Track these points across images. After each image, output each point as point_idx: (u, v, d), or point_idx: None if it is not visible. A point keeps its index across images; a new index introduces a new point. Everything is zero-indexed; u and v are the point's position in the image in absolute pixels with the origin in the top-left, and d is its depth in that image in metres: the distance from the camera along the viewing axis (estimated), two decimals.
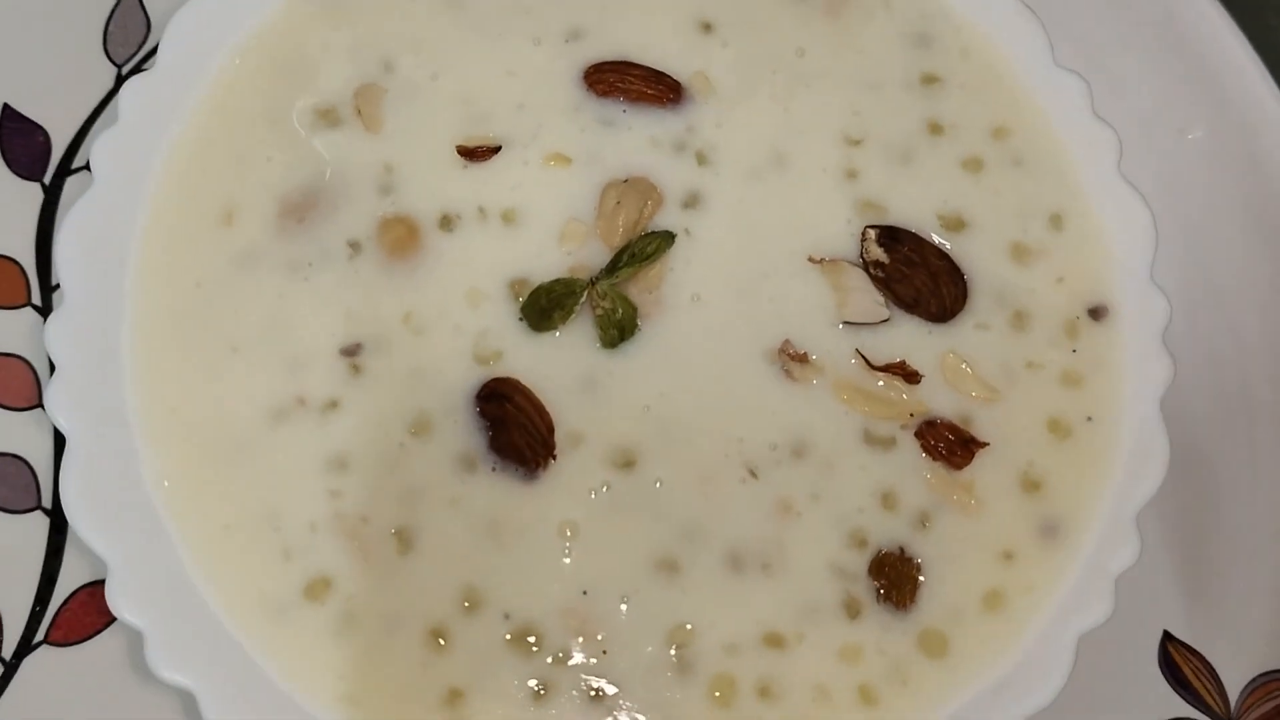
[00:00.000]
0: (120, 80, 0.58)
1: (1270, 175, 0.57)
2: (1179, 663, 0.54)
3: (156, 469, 0.50)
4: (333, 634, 0.49)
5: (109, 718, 0.50)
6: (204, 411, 0.51)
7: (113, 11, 0.58)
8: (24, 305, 0.55)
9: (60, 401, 0.49)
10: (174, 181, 0.53)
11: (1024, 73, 0.57)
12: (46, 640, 0.52)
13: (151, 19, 0.58)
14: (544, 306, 0.52)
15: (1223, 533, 0.55)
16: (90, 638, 0.52)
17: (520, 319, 0.52)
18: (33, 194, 0.56)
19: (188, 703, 0.48)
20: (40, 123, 0.57)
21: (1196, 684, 0.54)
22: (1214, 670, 0.54)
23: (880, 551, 0.51)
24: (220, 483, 0.50)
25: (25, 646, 0.51)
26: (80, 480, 0.49)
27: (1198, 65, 0.59)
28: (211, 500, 0.50)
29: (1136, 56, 0.60)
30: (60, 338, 0.50)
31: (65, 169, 0.57)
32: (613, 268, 0.52)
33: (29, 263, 0.56)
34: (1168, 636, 0.54)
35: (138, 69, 0.58)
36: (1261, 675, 0.53)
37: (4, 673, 0.51)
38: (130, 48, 0.59)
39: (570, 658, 0.50)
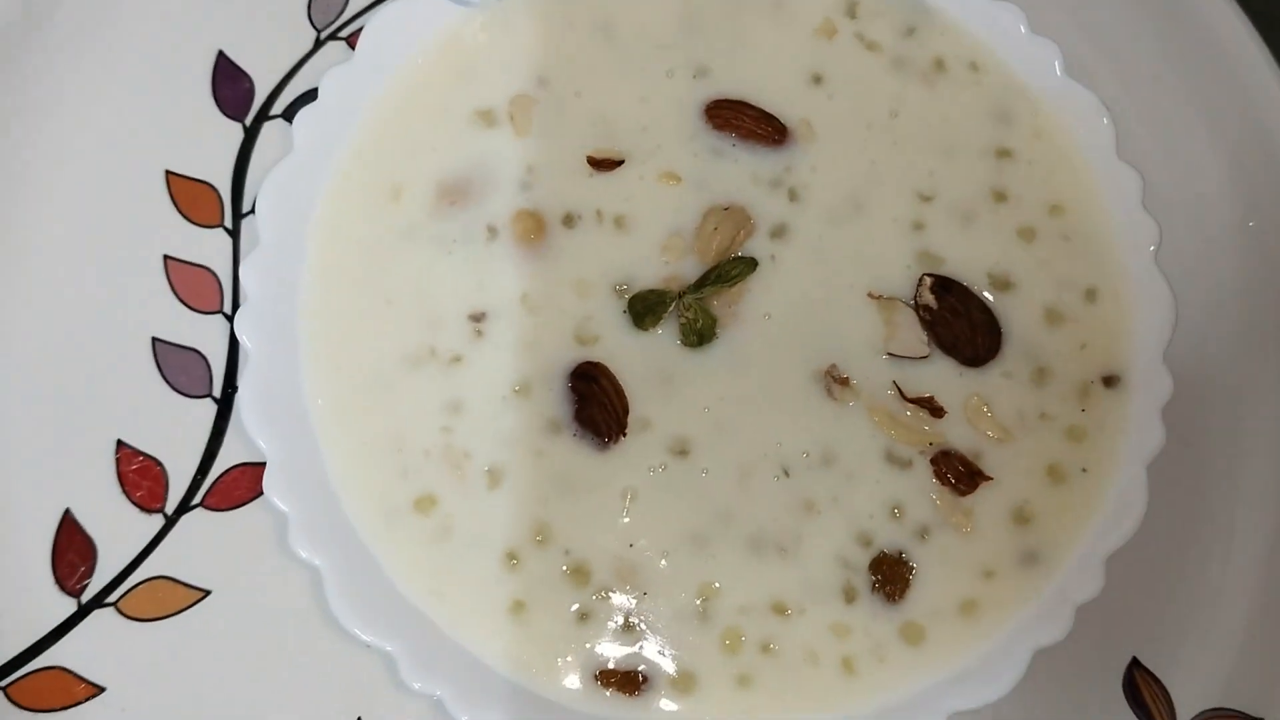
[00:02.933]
0: (319, 43, 0.61)
1: None
2: (1140, 686, 0.55)
3: (314, 388, 0.56)
4: (431, 541, 0.55)
5: (246, 577, 0.54)
6: (357, 347, 0.56)
7: None
8: (217, 226, 0.58)
9: (247, 323, 0.55)
10: (356, 159, 0.58)
11: (1088, 160, 0.60)
12: (202, 504, 0.56)
13: None
14: (640, 310, 0.57)
15: (1199, 578, 0.56)
16: (237, 507, 0.55)
17: (625, 312, 0.57)
18: (234, 132, 0.59)
19: (314, 578, 0.54)
20: (248, 71, 0.60)
21: (1152, 708, 0.55)
22: (1170, 699, 0.55)
23: (882, 552, 0.56)
24: (361, 406, 0.56)
25: (184, 506, 0.55)
26: (254, 388, 0.55)
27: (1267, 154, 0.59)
28: (352, 420, 0.56)
29: (1210, 142, 0.61)
30: (253, 272, 0.56)
31: (264, 114, 0.60)
32: (700, 284, 0.57)
33: (225, 191, 0.59)
34: (1135, 662, 0.55)
35: (334, 35, 0.61)
36: (1211, 710, 0.55)
37: (165, 524, 0.55)
38: (330, 16, 0.61)
39: (612, 594, 0.55)
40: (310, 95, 0.59)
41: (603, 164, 0.59)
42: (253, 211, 0.58)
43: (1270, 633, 0.55)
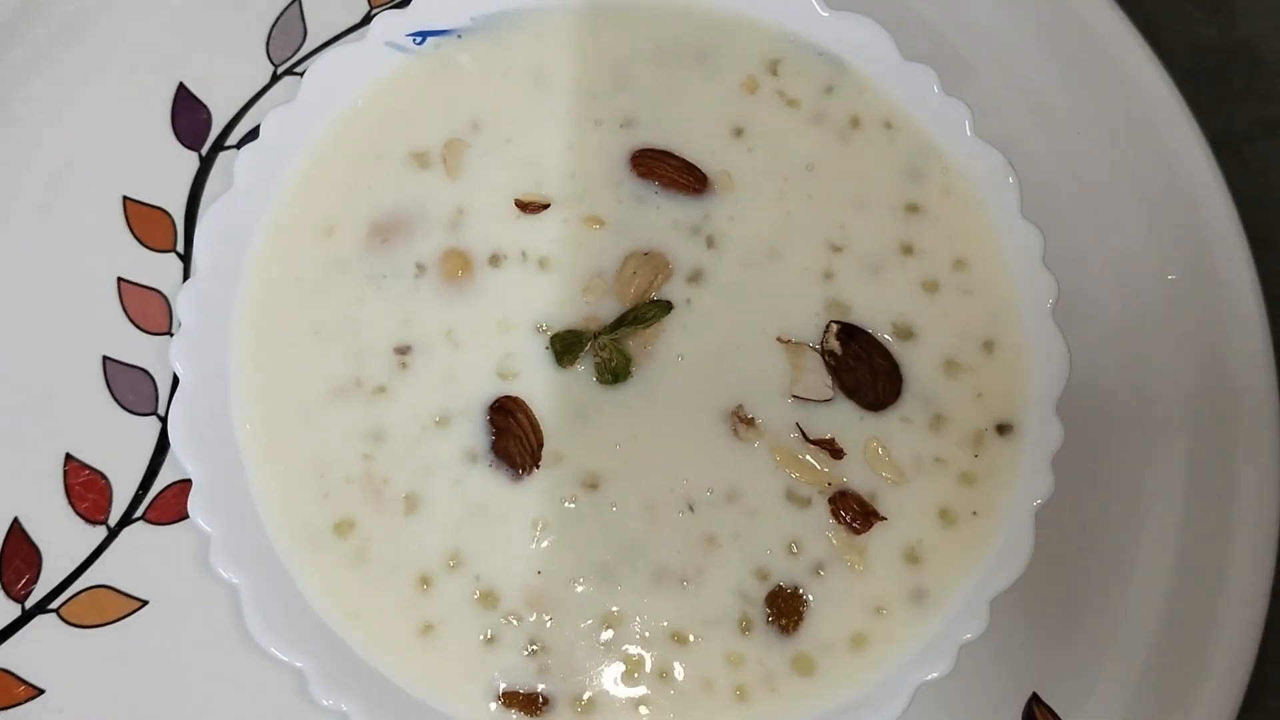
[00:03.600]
0: (275, 78, 0.62)
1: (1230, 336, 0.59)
2: None
3: (243, 414, 0.57)
4: (349, 564, 0.56)
5: (180, 589, 0.55)
6: (285, 376, 0.57)
7: (278, 19, 0.63)
8: (169, 251, 0.59)
9: (180, 351, 0.56)
10: (293, 196, 0.59)
11: (992, 217, 0.61)
12: (143, 518, 0.56)
13: (309, 30, 0.63)
14: (561, 349, 0.57)
15: (1096, 617, 0.57)
16: (175, 522, 0.56)
17: (547, 349, 0.58)
18: (190, 161, 0.60)
19: (235, 596, 0.54)
20: (206, 103, 0.61)
21: None
22: None
23: (778, 586, 0.56)
24: (287, 432, 0.57)
25: (126, 519, 0.56)
26: (184, 413, 0.55)
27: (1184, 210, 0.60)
28: (278, 444, 0.56)
29: (1132, 196, 0.62)
30: (188, 301, 0.57)
31: (219, 145, 0.61)
32: (616, 325, 0.57)
33: (179, 217, 0.60)
34: (1035, 698, 0.56)
35: (290, 71, 0.62)
36: None
37: (107, 536, 0.56)
38: (287, 52, 0.63)
39: (521, 620, 0.56)
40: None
41: (530, 207, 0.60)
42: None
43: (1163, 675, 0.56)
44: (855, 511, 0.57)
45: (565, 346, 0.57)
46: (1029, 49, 0.63)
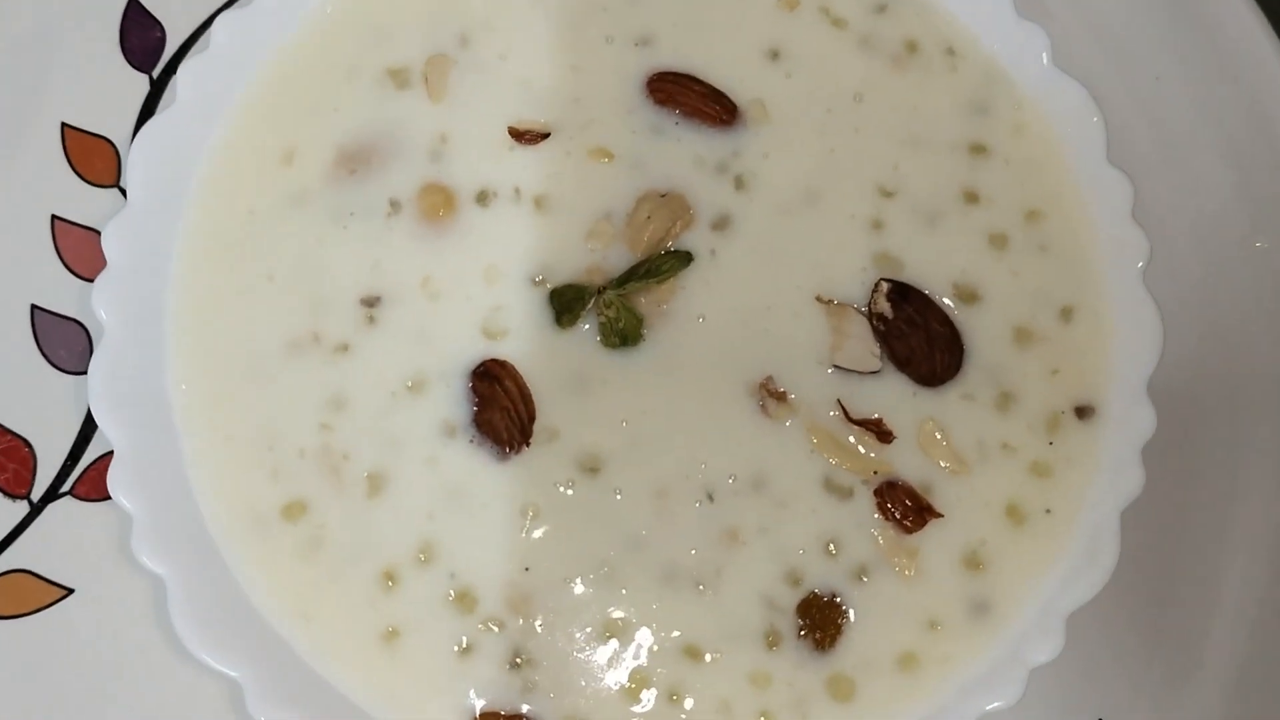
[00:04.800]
0: None
1: None
2: None
3: (178, 372, 0.52)
4: (300, 554, 0.51)
5: (111, 577, 0.51)
6: (230, 329, 0.52)
7: None
8: (112, 186, 0.55)
9: (106, 296, 0.50)
10: (247, 115, 0.54)
11: (1073, 162, 0.56)
12: (71, 493, 0.52)
13: None
14: (561, 305, 0.52)
15: (1176, 639, 0.54)
16: (109, 499, 0.51)
17: (549, 304, 0.52)
18: (139, 85, 0.56)
19: (159, 587, 0.49)
20: (159, 18, 0.56)
21: None
22: None
23: (812, 593, 0.51)
24: (230, 396, 0.52)
25: (52, 494, 0.52)
26: (108, 368, 0.50)
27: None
28: (220, 410, 0.51)
29: (1216, 151, 0.57)
30: (116, 236, 0.51)
31: (173, 67, 0.56)
32: (626, 279, 0.52)
33: (124, 148, 0.55)
34: None
35: None
36: None
37: (30, 513, 0.52)
38: None
39: (502, 625, 0.51)
40: None
41: (526, 136, 0.54)
42: None
43: (1251, 703, 0.53)
44: (906, 506, 0.52)
45: (565, 303, 0.52)
46: None
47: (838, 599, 0.51)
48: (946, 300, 0.54)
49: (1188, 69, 0.57)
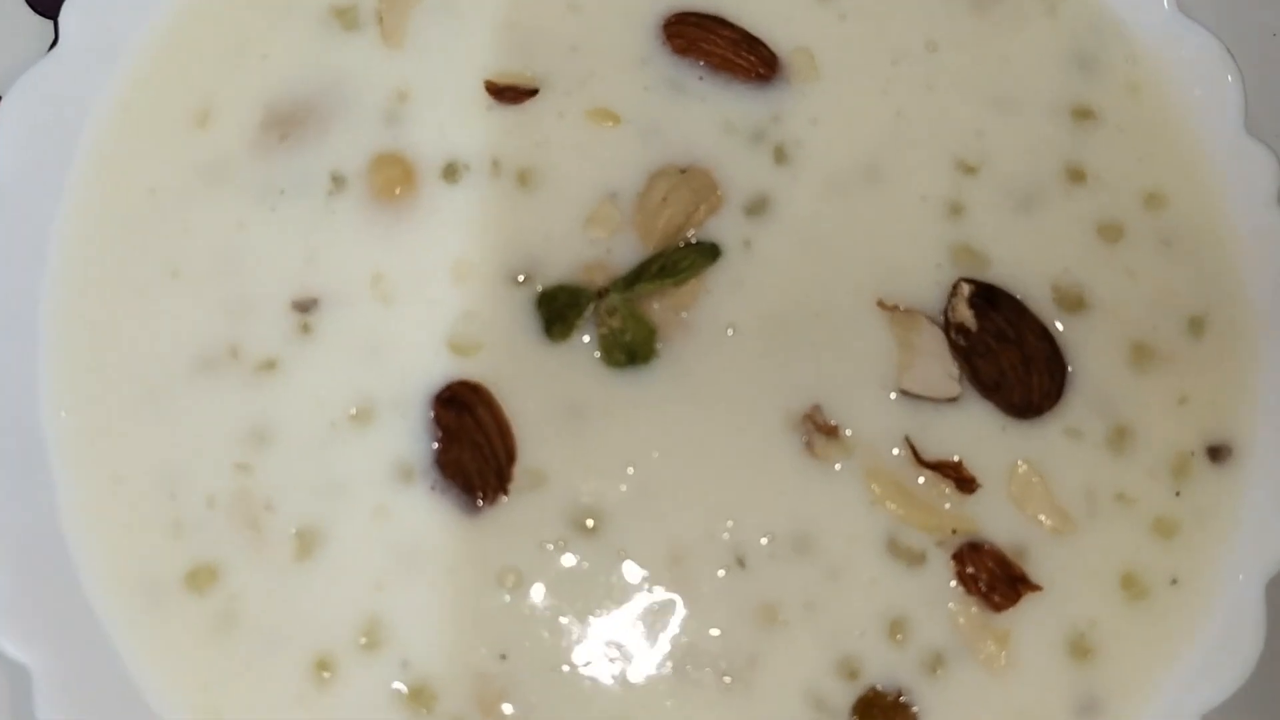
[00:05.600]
0: None
1: None
2: None
3: (55, 395, 0.45)
4: (208, 634, 0.44)
5: None
6: (124, 339, 0.46)
7: None
8: None
9: None
10: (149, 64, 0.48)
11: (1203, 132, 0.49)
12: None
13: None
14: (549, 315, 0.46)
15: None
16: None
17: (536, 310, 0.46)
18: (43, 32, 0.51)
19: (19, 678, 0.42)
20: None
21: None
22: None
23: (873, 689, 0.44)
24: (122, 426, 0.45)
25: None
26: None
27: None
28: (108, 443, 0.45)
29: None
30: None
31: None
32: (633, 279, 0.45)
33: None
34: None
35: None
36: None
37: None
38: None
39: None
40: None
41: (507, 93, 0.47)
42: None
43: None
44: (994, 575, 0.45)
45: (557, 310, 0.46)
46: None
47: (904, 698, 0.45)
48: (1045, 308, 0.47)
49: None
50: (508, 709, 0.43)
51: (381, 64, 0.48)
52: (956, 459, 0.46)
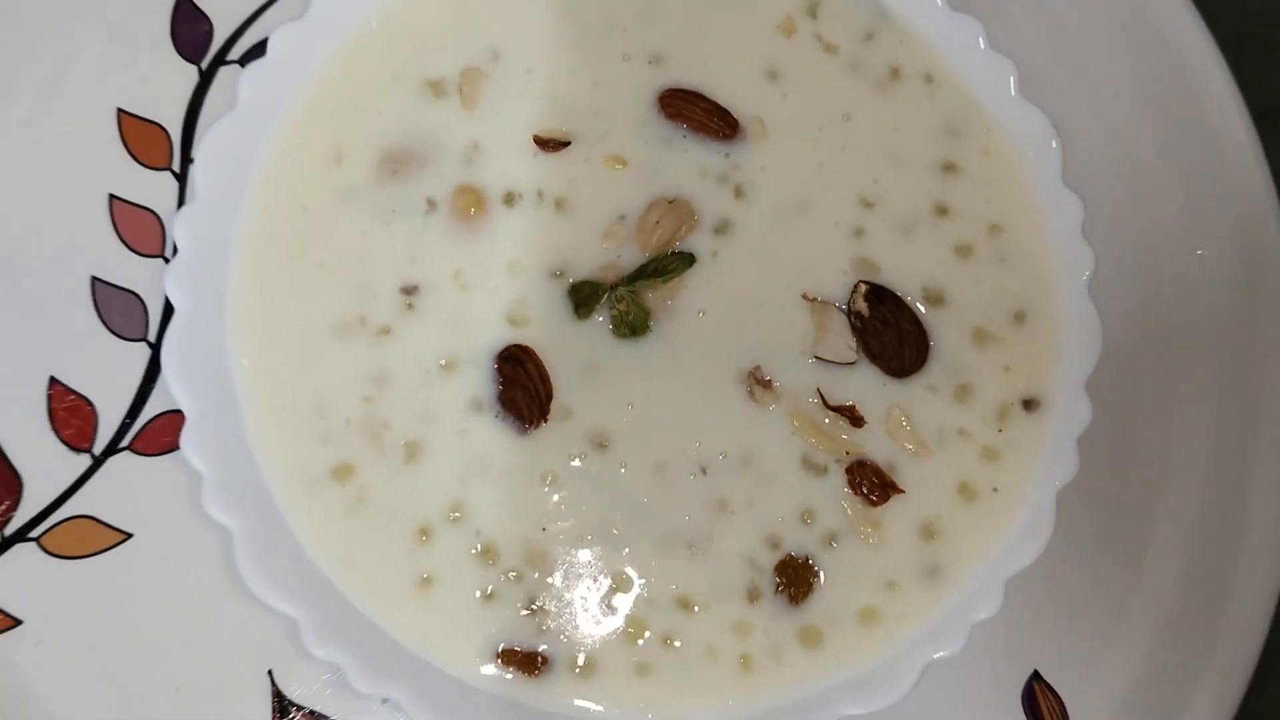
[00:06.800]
0: None
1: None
2: (1039, 700, 0.55)
3: (240, 348, 0.54)
4: (345, 510, 0.53)
5: (167, 524, 0.54)
6: (286, 310, 0.55)
7: None
8: (164, 169, 0.57)
9: (176, 279, 0.53)
10: (300, 119, 0.56)
11: (1032, 183, 0.58)
12: (130, 448, 0.54)
13: None
14: (579, 299, 0.55)
15: (1104, 602, 0.56)
16: (164, 454, 0.54)
17: (568, 296, 0.55)
18: (189, 76, 0.57)
19: (225, 536, 0.52)
20: (208, 13, 0.58)
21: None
22: (1066, 713, 0.55)
23: (789, 555, 0.54)
24: (286, 370, 0.54)
25: (112, 448, 0.54)
26: (179, 343, 0.53)
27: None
28: (276, 382, 0.54)
29: (1166, 166, 0.59)
30: (186, 226, 0.54)
31: (220, 59, 0.58)
32: (634, 277, 0.55)
33: (176, 134, 0.57)
34: (1036, 675, 0.55)
35: None
36: None
37: (92, 465, 0.54)
38: None
39: (522, 577, 0.54)
40: (268, 44, 0.57)
41: (549, 144, 0.56)
42: None
43: (1169, 659, 0.55)
44: (873, 483, 0.55)
45: (582, 297, 0.55)
46: (1074, 8, 0.60)
47: (810, 561, 0.54)
48: (916, 302, 0.56)
49: (1143, 91, 0.60)
50: (546, 564, 0.54)
51: (461, 123, 0.56)
52: (851, 404, 0.56)
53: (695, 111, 0.57)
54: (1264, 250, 0.58)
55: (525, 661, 0.53)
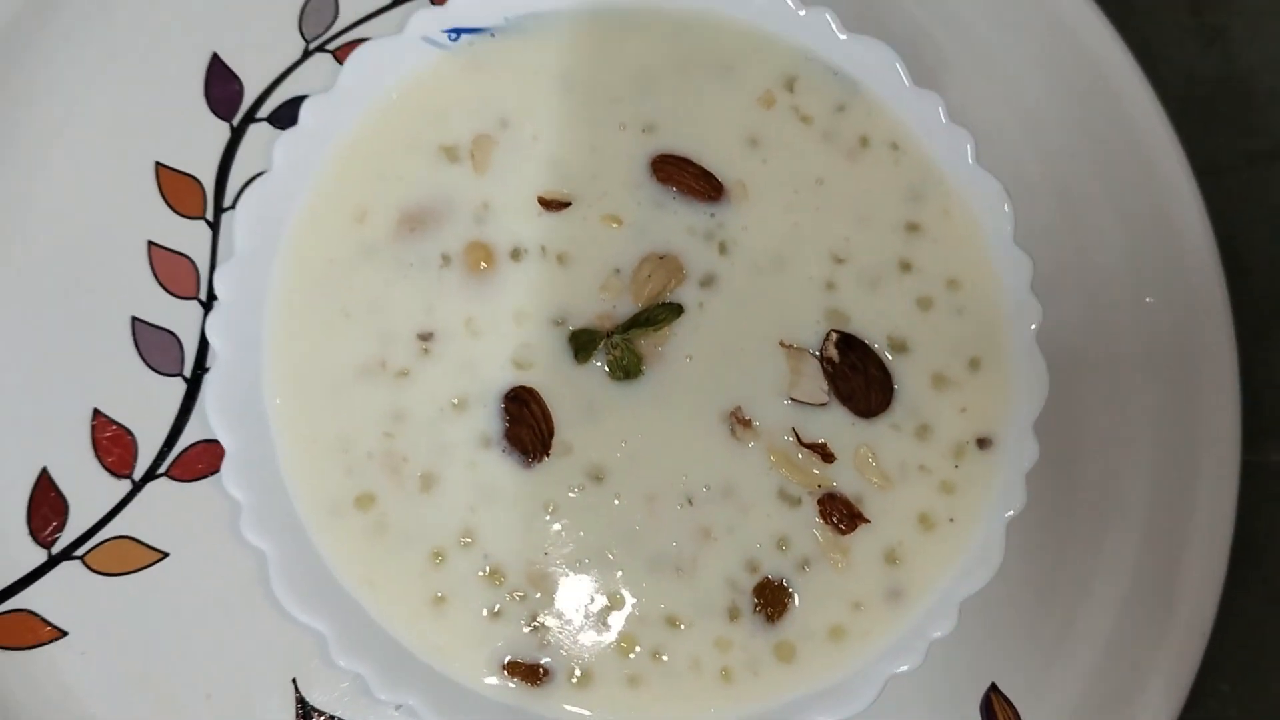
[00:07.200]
0: (306, 54, 0.63)
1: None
2: (996, 710, 0.58)
3: (273, 388, 0.57)
4: (367, 535, 0.57)
5: (200, 544, 0.57)
6: (315, 354, 0.58)
7: None
8: (199, 218, 0.60)
9: (217, 326, 0.56)
10: (328, 182, 0.59)
11: (987, 242, 0.61)
12: (167, 474, 0.58)
13: (340, 9, 0.64)
14: (578, 345, 0.58)
15: (1055, 621, 0.60)
16: (198, 480, 0.58)
17: (569, 342, 0.58)
18: (222, 131, 0.61)
19: (261, 555, 0.55)
20: (239, 74, 0.61)
21: None
22: None
23: (766, 578, 0.57)
24: (315, 408, 0.57)
25: (150, 474, 0.58)
26: (220, 386, 0.56)
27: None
28: (306, 419, 0.57)
29: (1119, 224, 0.63)
30: (226, 279, 0.57)
31: (251, 116, 0.62)
32: (628, 326, 0.58)
33: (209, 185, 0.61)
34: (994, 687, 0.59)
35: (321, 48, 0.63)
36: None
37: (132, 489, 0.58)
38: (319, 29, 0.63)
39: (526, 596, 0.57)
40: (296, 102, 0.59)
41: (552, 204, 0.59)
42: (233, 207, 0.59)
43: (1114, 671, 0.59)
44: (842, 513, 0.58)
45: (581, 343, 0.58)
46: (1030, 73, 0.64)
47: (785, 583, 0.57)
48: (882, 349, 0.59)
49: (1092, 151, 0.64)
50: (547, 584, 0.57)
51: (472, 185, 0.59)
52: (823, 441, 0.58)
53: (684, 175, 0.60)
54: (1205, 296, 0.61)
55: (528, 672, 0.56)
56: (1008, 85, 0.64)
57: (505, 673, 0.56)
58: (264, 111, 0.61)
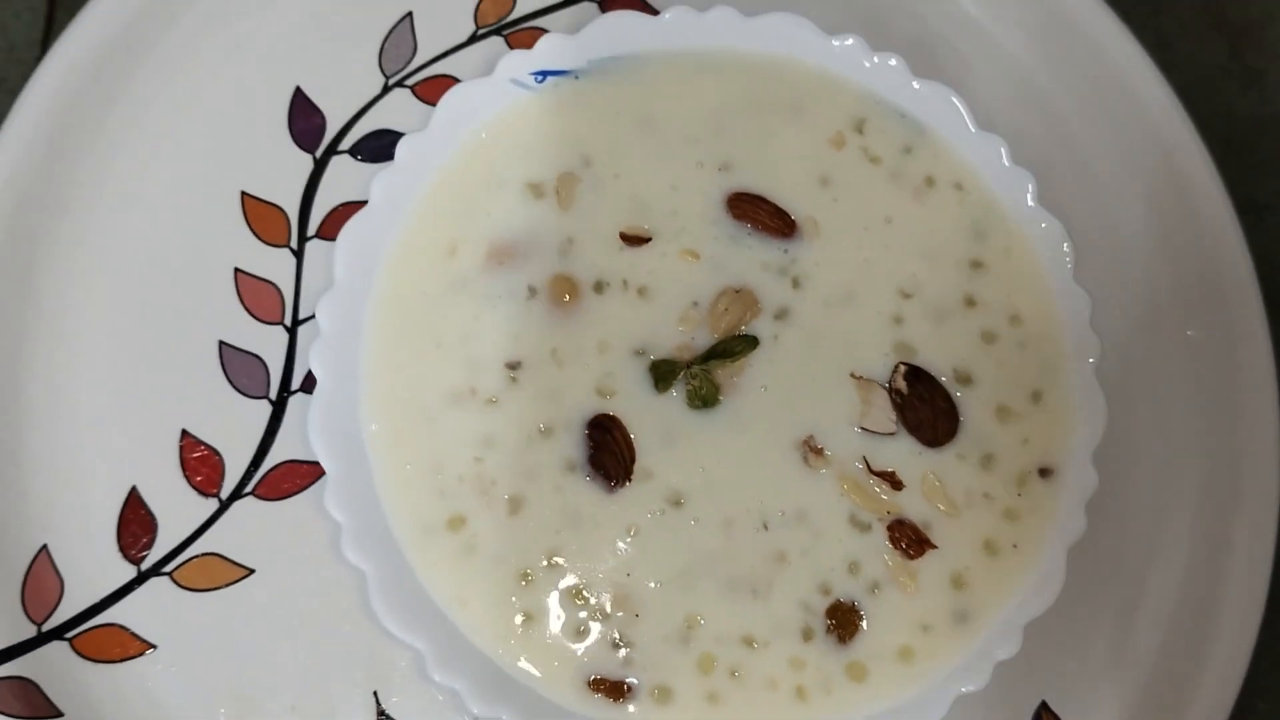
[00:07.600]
0: (386, 89, 0.65)
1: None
2: None
3: (370, 414, 0.59)
4: (458, 555, 0.58)
5: (286, 561, 0.59)
6: (409, 382, 0.59)
7: (390, 32, 0.65)
8: (284, 246, 0.62)
9: (319, 355, 0.58)
10: (421, 217, 0.61)
11: (1047, 279, 0.62)
12: (253, 493, 0.60)
13: (419, 45, 0.65)
14: (659, 375, 0.60)
15: (1106, 643, 0.61)
16: (283, 499, 0.60)
17: (648, 372, 0.59)
18: (305, 163, 0.63)
19: (345, 571, 0.57)
20: (321, 108, 0.63)
21: None
22: None
23: (838, 600, 0.58)
24: (408, 433, 0.59)
25: (237, 493, 0.60)
26: (321, 413, 0.58)
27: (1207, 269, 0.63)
28: (401, 445, 0.59)
29: (1161, 257, 0.65)
30: (326, 309, 0.58)
31: (333, 148, 0.63)
32: (707, 356, 0.59)
33: (294, 215, 0.63)
34: (1044, 705, 0.60)
35: (400, 84, 0.65)
36: None
37: (219, 508, 0.60)
38: (398, 65, 0.65)
39: (610, 616, 0.58)
40: (376, 135, 0.63)
41: (633, 240, 0.61)
42: (317, 236, 0.62)
43: (1160, 693, 0.61)
44: (910, 539, 0.59)
45: (661, 374, 0.59)
46: (1082, 117, 0.67)
47: (856, 606, 0.58)
48: (948, 381, 0.60)
49: (1142, 191, 0.66)
50: (630, 605, 0.58)
51: (558, 220, 0.60)
52: (892, 470, 0.59)
53: (759, 213, 0.61)
54: (1246, 328, 0.63)
55: (612, 689, 0.58)
56: (1063, 134, 0.66)
57: (590, 688, 0.57)
58: (346, 144, 0.63)
